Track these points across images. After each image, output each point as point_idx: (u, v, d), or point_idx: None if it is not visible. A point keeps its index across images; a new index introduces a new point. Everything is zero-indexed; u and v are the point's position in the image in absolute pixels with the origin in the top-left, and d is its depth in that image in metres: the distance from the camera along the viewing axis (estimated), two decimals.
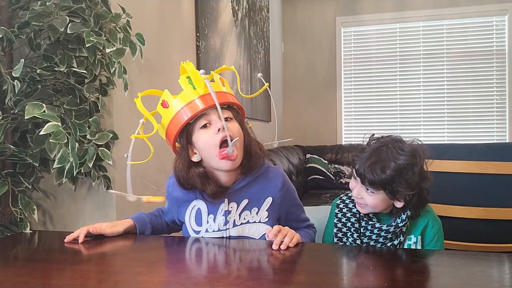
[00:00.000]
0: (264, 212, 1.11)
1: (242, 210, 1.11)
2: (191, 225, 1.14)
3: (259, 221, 1.12)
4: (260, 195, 1.12)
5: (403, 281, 0.82)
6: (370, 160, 1.05)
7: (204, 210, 1.12)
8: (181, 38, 2.17)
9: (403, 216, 1.10)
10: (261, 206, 1.12)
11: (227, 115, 1.05)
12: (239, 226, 1.11)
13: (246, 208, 1.11)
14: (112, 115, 1.59)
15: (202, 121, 1.04)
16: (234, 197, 1.11)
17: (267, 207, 1.12)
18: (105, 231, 1.10)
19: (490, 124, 4.13)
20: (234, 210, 1.11)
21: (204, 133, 1.04)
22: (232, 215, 1.11)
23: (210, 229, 1.12)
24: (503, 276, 0.88)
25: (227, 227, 1.11)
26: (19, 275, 0.86)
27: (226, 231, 1.11)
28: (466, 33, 4.15)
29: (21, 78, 1.33)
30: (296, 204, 1.20)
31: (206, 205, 1.12)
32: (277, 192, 1.12)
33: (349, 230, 1.16)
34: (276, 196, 1.12)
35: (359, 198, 1.10)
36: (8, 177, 1.39)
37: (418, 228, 1.14)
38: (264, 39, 3.71)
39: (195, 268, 0.94)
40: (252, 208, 1.11)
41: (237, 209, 1.11)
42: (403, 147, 1.06)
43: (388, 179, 1.03)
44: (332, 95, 4.45)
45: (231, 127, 1.03)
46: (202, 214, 1.12)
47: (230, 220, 1.11)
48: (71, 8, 1.38)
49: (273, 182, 1.13)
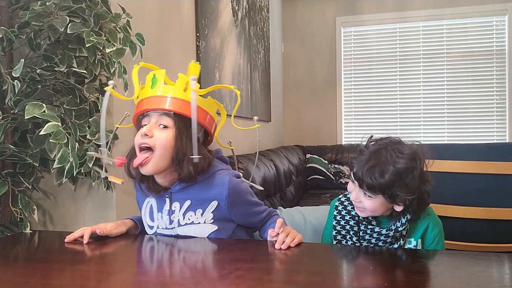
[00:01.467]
0: (209, 214, 1.09)
1: (186, 211, 1.10)
2: (146, 220, 1.17)
3: (204, 222, 1.10)
4: (205, 198, 1.09)
5: (403, 281, 0.82)
6: (368, 164, 1.02)
7: (155, 207, 1.15)
8: (181, 38, 2.17)
9: (403, 220, 1.08)
10: (206, 208, 1.09)
11: (166, 122, 1.03)
12: (183, 226, 1.11)
13: (189, 209, 1.10)
14: (112, 115, 1.59)
15: (144, 121, 1.06)
16: (176, 197, 1.11)
17: (213, 209, 1.09)
18: (112, 232, 1.11)
19: (490, 124, 4.13)
20: (178, 210, 1.11)
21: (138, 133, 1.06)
22: (176, 215, 1.11)
23: (160, 226, 1.13)
24: (503, 276, 0.88)
25: (172, 226, 1.12)
26: (19, 275, 0.86)
27: (173, 230, 1.12)
28: (466, 33, 4.15)
29: (21, 78, 1.33)
30: (250, 203, 1.15)
31: (156, 202, 1.14)
32: (223, 199, 1.08)
33: (348, 233, 1.15)
34: (223, 203, 1.09)
35: (358, 201, 1.08)
36: (8, 177, 1.39)
37: (418, 231, 1.12)
38: (264, 39, 3.71)
39: (195, 268, 0.94)
40: (197, 210, 1.10)
41: (180, 209, 1.11)
42: (403, 149, 1.02)
43: (387, 183, 1.00)
44: (332, 95, 4.45)
45: (157, 135, 1.03)
46: (153, 211, 1.15)
47: (174, 219, 1.11)
48: (71, 8, 1.38)
49: (219, 188, 1.08)
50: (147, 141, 1.02)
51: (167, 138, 1.03)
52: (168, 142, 1.03)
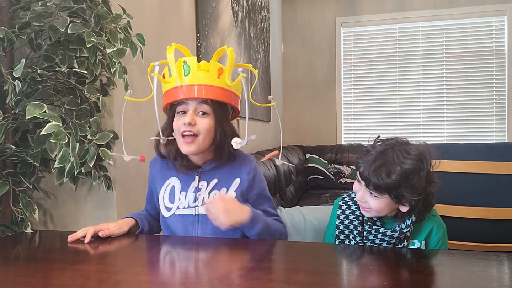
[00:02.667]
0: (232, 192, 1.17)
1: (212, 189, 1.17)
2: (164, 202, 1.20)
3: None
4: (229, 176, 1.17)
5: (403, 281, 0.83)
6: (375, 164, 1.02)
7: (178, 187, 1.19)
8: (181, 39, 2.17)
9: (408, 221, 1.08)
10: (230, 186, 1.17)
11: (204, 109, 1.11)
12: None
13: (215, 187, 1.17)
14: (112, 115, 1.60)
15: (180, 108, 1.12)
16: (204, 176, 1.18)
17: (235, 188, 1.17)
18: (114, 233, 1.12)
19: (489, 124, 4.13)
20: (204, 188, 1.17)
21: (178, 119, 1.12)
22: (202, 192, 1.17)
23: (181, 206, 1.17)
24: (502, 275, 0.88)
25: (196, 204, 1.16)
26: (20, 275, 0.87)
27: (196, 208, 1.16)
28: (465, 33, 4.15)
29: (22, 78, 1.33)
30: (264, 196, 1.23)
31: (180, 181, 1.19)
32: (245, 175, 1.17)
33: (351, 233, 1.14)
34: (244, 179, 1.17)
35: (363, 201, 1.08)
36: (9, 177, 1.39)
37: (422, 233, 1.11)
38: (264, 39, 3.71)
39: (195, 268, 0.94)
40: (221, 188, 1.17)
41: (207, 187, 1.17)
42: (410, 150, 1.02)
43: (394, 183, 1.00)
44: (332, 95, 4.46)
45: (200, 123, 1.10)
46: (175, 191, 1.19)
47: (200, 197, 1.16)
48: (72, 8, 1.38)
49: (242, 165, 1.19)
50: (191, 129, 1.09)
51: (209, 124, 1.11)
52: (210, 127, 1.11)
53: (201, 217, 1.15)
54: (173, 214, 1.18)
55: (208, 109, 1.11)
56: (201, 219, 1.16)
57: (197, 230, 1.15)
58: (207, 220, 1.12)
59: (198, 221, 1.16)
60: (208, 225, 1.13)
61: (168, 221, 1.19)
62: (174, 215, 1.18)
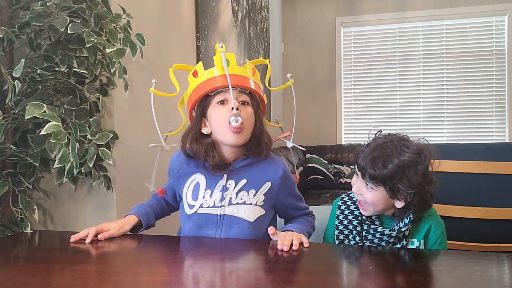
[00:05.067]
0: (261, 196, 1.13)
1: (240, 190, 1.13)
2: (187, 199, 1.16)
3: (255, 204, 1.12)
4: (260, 178, 1.14)
5: (402, 281, 0.83)
6: (372, 154, 1.04)
7: (203, 184, 1.14)
8: (181, 38, 2.17)
9: (406, 220, 1.08)
10: (259, 189, 1.13)
11: (245, 99, 1.11)
12: (234, 205, 1.12)
13: (244, 188, 1.13)
14: (112, 115, 1.60)
15: (219, 97, 1.10)
16: (233, 175, 1.13)
17: (265, 191, 1.13)
18: (115, 234, 1.11)
19: (489, 124, 4.13)
20: (232, 188, 1.13)
21: (220, 109, 1.10)
22: (229, 192, 1.12)
23: (205, 205, 1.13)
24: (502, 275, 0.88)
25: (222, 204, 1.12)
26: (20, 275, 0.87)
27: (221, 209, 1.12)
28: (465, 33, 4.15)
29: (21, 78, 1.33)
30: (295, 195, 1.21)
31: (206, 179, 1.14)
32: (277, 179, 1.14)
33: (350, 233, 1.15)
34: (276, 183, 1.14)
35: (359, 194, 1.09)
36: (9, 177, 1.39)
37: (420, 232, 1.12)
38: (264, 39, 3.71)
39: (195, 268, 0.94)
40: (250, 190, 1.13)
41: (235, 187, 1.13)
42: (409, 145, 1.04)
43: (389, 174, 1.01)
44: (332, 95, 4.46)
45: (244, 111, 1.09)
46: (199, 188, 1.14)
47: (227, 197, 1.12)
48: (72, 8, 1.38)
49: (274, 168, 1.15)
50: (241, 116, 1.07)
51: (251, 113, 1.12)
52: (252, 117, 1.12)
53: (226, 218, 1.12)
54: (195, 212, 1.13)
55: (248, 99, 1.12)
56: (226, 219, 1.12)
57: (221, 230, 1.12)
58: (232, 222, 1.11)
59: (222, 222, 1.12)
60: (233, 227, 1.11)
61: (189, 219, 1.15)
62: (196, 213, 1.13)
